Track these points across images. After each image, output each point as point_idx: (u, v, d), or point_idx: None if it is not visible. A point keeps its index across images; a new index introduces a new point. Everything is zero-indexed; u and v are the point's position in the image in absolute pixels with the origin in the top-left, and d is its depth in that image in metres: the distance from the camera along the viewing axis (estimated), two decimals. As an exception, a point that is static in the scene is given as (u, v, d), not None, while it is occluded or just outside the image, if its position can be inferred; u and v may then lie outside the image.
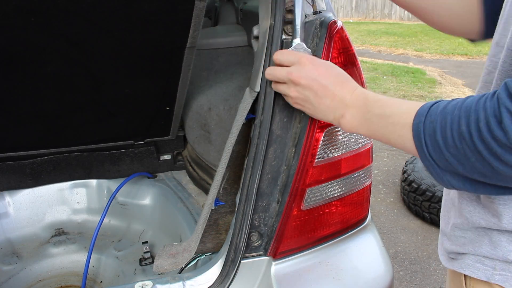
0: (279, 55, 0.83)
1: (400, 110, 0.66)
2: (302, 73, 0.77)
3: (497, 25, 0.72)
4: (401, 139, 0.65)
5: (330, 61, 0.91)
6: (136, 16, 1.17)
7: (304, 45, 0.89)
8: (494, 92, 0.55)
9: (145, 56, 1.38)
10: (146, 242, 1.73)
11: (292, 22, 0.92)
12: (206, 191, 1.78)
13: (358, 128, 0.73)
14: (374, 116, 0.70)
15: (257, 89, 0.96)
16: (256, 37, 1.03)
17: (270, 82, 0.90)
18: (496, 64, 0.68)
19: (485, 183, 0.59)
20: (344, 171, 1.01)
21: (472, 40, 0.94)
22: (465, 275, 0.73)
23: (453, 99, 0.60)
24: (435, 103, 0.61)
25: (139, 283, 0.97)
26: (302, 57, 0.79)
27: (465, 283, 0.73)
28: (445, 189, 0.86)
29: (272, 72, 0.84)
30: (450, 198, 0.81)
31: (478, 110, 0.55)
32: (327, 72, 0.77)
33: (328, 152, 0.97)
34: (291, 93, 0.80)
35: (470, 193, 0.70)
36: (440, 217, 0.85)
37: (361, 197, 1.08)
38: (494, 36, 0.71)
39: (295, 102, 0.81)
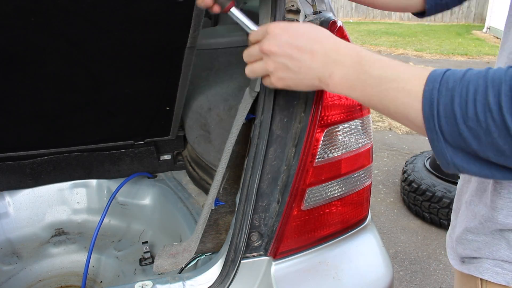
0: (250, 36, 0.76)
1: (405, 74, 0.58)
2: (271, 41, 0.69)
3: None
4: (403, 107, 0.58)
5: None
6: (136, 16, 1.17)
7: None
8: None
9: (145, 56, 1.38)
10: (146, 242, 1.73)
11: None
12: (206, 191, 1.78)
13: (350, 91, 0.64)
14: (371, 78, 0.61)
15: (257, 89, 0.96)
16: (256, 37, 1.03)
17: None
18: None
19: (491, 165, 0.54)
20: (344, 171, 1.01)
21: (417, 14, 0.98)
22: (481, 279, 0.71)
23: (468, 68, 0.54)
24: (447, 70, 0.55)
25: (139, 283, 0.97)
26: (269, 26, 0.71)
27: (481, 287, 0.72)
28: (457, 192, 0.84)
29: (246, 53, 0.76)
30: (460, 201, 0.79)
31: (510, 80, 0.49)
32: (298, 31, 0.69)
33: (328, 152, 0.97)
34: (269, 66, 0.70)
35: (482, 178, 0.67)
36: (450, 221, 0.83)
37: (361, 197, 1.08)
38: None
39: (279, 78, 0.71)
